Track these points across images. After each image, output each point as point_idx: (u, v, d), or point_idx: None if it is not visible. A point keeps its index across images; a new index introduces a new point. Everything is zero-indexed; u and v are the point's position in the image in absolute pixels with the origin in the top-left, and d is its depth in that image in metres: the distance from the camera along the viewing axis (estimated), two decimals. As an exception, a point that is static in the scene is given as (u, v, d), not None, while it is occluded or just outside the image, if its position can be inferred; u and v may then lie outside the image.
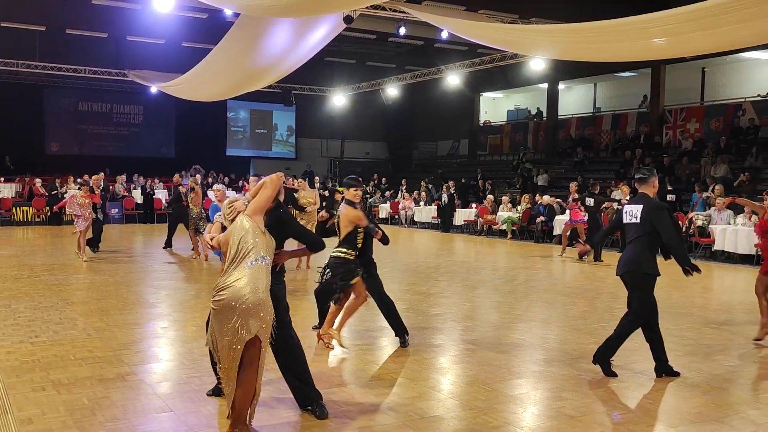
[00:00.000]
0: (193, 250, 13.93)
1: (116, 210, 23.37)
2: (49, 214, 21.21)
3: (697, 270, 5.86)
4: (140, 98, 27.84)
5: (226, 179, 26.08)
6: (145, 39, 22.58)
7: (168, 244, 14.87)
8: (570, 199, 15.20)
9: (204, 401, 5.01)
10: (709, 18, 9.22)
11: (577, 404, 5.10)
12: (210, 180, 25.90)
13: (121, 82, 25.12)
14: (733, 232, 14.48)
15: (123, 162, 26.54)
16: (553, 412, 4.94)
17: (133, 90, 26.70)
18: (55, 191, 21.35)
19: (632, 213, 6.00)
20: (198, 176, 13.91)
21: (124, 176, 24.71)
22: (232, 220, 4.44)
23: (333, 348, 6.49)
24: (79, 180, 13.59)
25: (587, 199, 14.64)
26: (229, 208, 4.56)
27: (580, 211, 14.86)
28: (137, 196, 24.22)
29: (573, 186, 15.61)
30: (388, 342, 6.84)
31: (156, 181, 25.36)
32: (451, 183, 22.48)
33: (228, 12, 16.01)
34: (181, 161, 26.83)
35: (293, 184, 12.66)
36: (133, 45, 23.24)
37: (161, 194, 24.41)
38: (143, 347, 6.67)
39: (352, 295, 6.49)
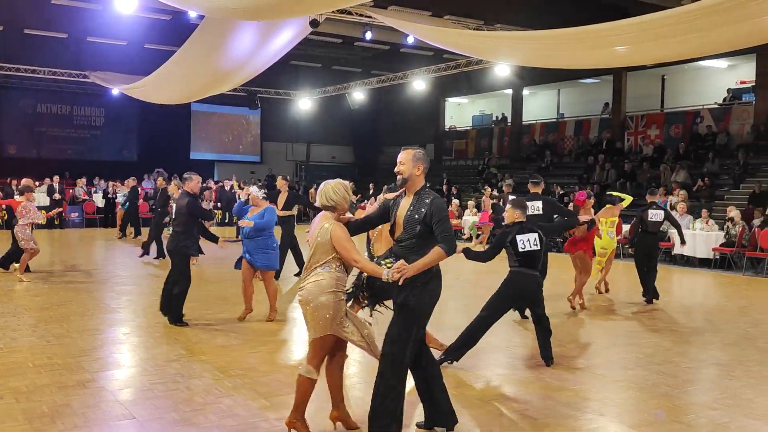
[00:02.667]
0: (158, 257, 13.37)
1: (76, 214, 22.92)
2: (5, 217, 20.65)
3: (589, 222, 8.28)
4: (101, 100, 27.33)
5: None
6: (106, 40, 22.21)
7: (162, 254, 13.52)
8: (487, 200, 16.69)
9: (167, 408, 4.92)
10: (667, 27, 9.47)
11: (541, 407, 5.16)
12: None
13: (81, 84, 24.66)
14: (691, 237, 14.78)
15: (83, 165, 26.02)
16: (517, 416, 4.98)
17: (94, 92, 26.22)
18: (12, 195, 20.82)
19: (535, 207, 8.24)
20: (160, 179, 13.37)
21: (84, 180, 24.21)
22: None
23: None
24: (20, 184, 11.80)
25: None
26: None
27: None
28: (98, 200, 23.75)
29: (506, 188, 16.30)
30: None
31: (118, 184, 24.90)
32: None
33: (192, 14, 15.88)
34: (144, 164, 26.40)
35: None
36: (94, 46, 22.84)
37: (123, 198, 23.95)
38: (104, 353, 6.54)
39: None
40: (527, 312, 8.18)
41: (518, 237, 6.28)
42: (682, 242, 11.11)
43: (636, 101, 23.39)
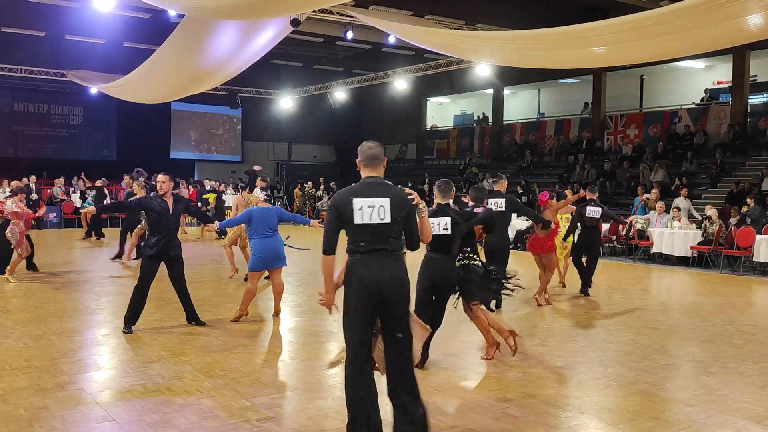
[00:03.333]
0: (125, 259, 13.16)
1: (54, 215, 22.65)
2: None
3: (546, 223, 8.99)
4: (80, 99, 27.06)
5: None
6: (84, 38, 21.98)
7: (121, 253, 13.49)
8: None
9: (147, 410, 4.88)
10: (646, 28, 9.58)
11: (521, 404, 5.19)
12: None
13: (59, 83, 24.39)
14: (670, 235, 14.97)
15: (62, 165, 25.72)
16: (498, 413, 5.01)
17: (73, 91, 25.95)
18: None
19: (498, 204, 8.44)
20: (141, 179, 13.23)
21: (62, 180, 23.93)
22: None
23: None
24: (12, 185, 11.78)
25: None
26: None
27: None
28: (76, 200, 23.48)
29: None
30: (336, 346, 6.81)
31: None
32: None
33: (172, 13, 15.76)
34: (123, 164, 26.17)
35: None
36: (72, 44, 22.59)
37: (92, 200, 23.68)
38: (83, 355, 6.48)
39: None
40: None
41: (431, 219, 5.74)
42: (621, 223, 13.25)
43: (615, 101, 23.62)
